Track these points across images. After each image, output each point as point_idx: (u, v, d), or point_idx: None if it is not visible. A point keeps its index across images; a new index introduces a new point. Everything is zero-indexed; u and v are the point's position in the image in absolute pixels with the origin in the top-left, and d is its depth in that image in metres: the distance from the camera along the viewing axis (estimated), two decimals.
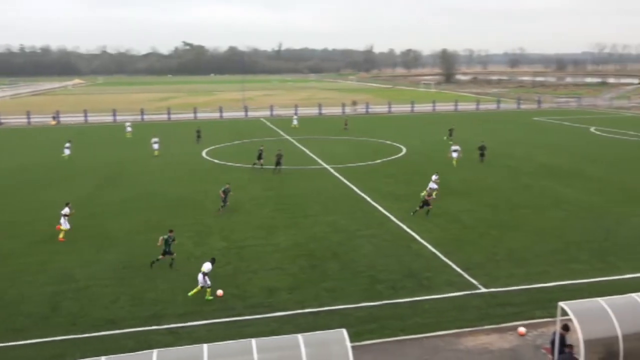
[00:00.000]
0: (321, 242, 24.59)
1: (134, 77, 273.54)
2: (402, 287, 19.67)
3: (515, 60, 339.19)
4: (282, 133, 62.59)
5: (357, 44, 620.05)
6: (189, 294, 19.19)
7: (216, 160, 45.49)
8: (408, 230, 26.04)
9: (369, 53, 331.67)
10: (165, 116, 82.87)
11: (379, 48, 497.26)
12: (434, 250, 23.28)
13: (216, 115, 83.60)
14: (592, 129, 62.80)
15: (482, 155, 42.52)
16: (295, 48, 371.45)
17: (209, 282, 18.94)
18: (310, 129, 65.70)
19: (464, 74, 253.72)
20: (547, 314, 17.11)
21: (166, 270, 21.45)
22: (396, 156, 46.23)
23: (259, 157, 40.57)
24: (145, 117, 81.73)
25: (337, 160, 43.94)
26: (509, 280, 20.10)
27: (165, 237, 21.69)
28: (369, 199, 31.90)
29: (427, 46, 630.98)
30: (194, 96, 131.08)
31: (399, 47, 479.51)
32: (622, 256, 22.40)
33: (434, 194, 30.21)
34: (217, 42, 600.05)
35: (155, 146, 48.77)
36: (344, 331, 11.87)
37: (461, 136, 54.36)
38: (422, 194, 30.06)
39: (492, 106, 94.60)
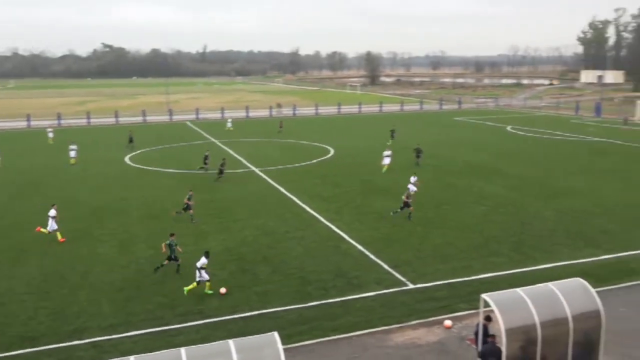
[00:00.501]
0: (251, 245, 24.43)
1: (50, 80, 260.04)
2: (332, 287, 19.88)
3: (436, 62, 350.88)
4: (208, 136, 61.64)
5: (283, 46, 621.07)
6: (185, 290, 19.33)
7: (140, 166, 44.13)
8: (337, 230, 26.35)
9: (295, 55, 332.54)
10: (84, 121, 79.46)
11: (305, 50, 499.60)
12: (362, 249, 23.68)
13: (139, 119, 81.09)
14: (509, 128, 66.04)
15: (417, 157, 42.44)
16: (221, 50, 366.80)
17: (205, 276, 19.32)
18: (242, 131, 65.11)
19: (388, 75, 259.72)
20: (470, 306, 17.82)
21: (90, 279, 20.59)
22: (324, 158, 46.66)
23: (205, 162, 40.40)
24: (63, 122, 77.99)
25: (266, 163, 43.81)
26: (434, 276, 20.78)
27: (168, 242, 21.24)
28: (297, 200, 32.01)
29: (352, 48, 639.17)
30: (115, 100, 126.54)
31: (324, 50, 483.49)
32: (538, 248, 23.70)
33: (411, 194, 29.22)
34: (139, 44, 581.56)
35: (72, 153, 45.72)
36: (276, 334, 11.84)
37: (388, 136, 55.62)
38: (403, 196, 29.23)
39: (416, 107, 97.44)
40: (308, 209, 30.22)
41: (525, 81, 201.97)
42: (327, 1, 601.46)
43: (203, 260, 19.44)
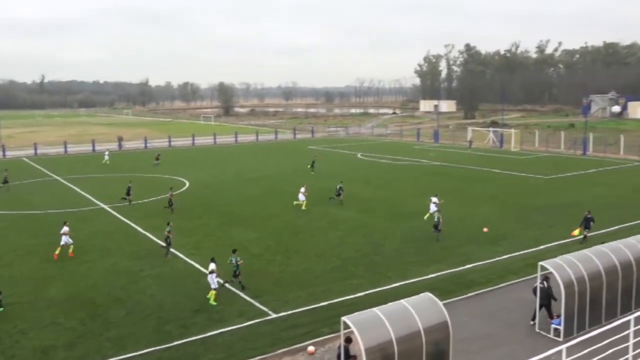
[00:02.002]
0: (102, 288, 22.79)
1: None
2: (192, 324, 19.19)
3: (289, 93, 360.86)
4: (48, 172, 56.89)
5: (132, 77, 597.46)
6: (210, 301, 20.72)
7: None
8: (196, 265, 25.60)
9: (144, 86, 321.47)
10: None
11: (155, 81, 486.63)
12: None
13: None
14: (359, 155, 69.60)
15: (338, 195, 39.00)
16: (62, 80, 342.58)
17: (215, 283, 20.78)
18: (83, 167, 60.96)
19: (242, 106, 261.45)
20: (332, 330, 18.22)
21: None
22: (179, 190, 45.34)
23: (128, 193, 39.34)
24: None
25: (115, 199, 41.41)
26: (296, 303, 20.98)
27: (232, 258, 22.32)
28: (152, 236, 30.63)
29: (205, 79, 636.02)
30: None
31: (176, 80, 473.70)
32: (390, 267, 25.04)
33: (437, 215, 29.62)
34: None
35: None
36: None
37: (245, 167, 55.65)
38: (426, 216, 31.97)
39: (271, 137, 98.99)
40: (164, 244, 28.98)
41: (371, 110, 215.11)
42: (175, 31, 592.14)
43: (213, 266, 21.17)
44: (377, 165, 59.88)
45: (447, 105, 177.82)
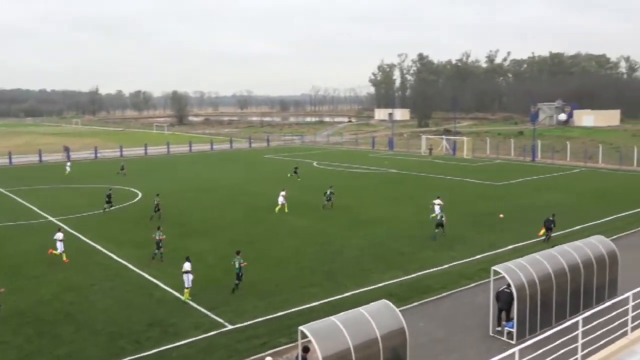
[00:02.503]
0: (50, 304, 22.01)
1: None
2: (146, 339, 18.74)
3: (244, 101, 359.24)
4: None
5: (80, 85, 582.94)
6: (184, 299, 21.81)
7: None
8: (149, 277, 25.06)
9: (94, 94, 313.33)
10: None
11: (106, 89, 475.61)
12: (178, 295, 22.79)
13: None
14: (315, 163, 69.82)
15: (329, 200, 40.41)
16: (6, 89, 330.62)
17: (189, 282, 21.81)
18: (30, 178, 58.89)
19: (197, 115, 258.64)
20: (290, 340, 18.13)
21: None
22: (132, 202, 44.37)
23: (108, 201, 39.50)
24: None
25: (65, 211, 40.16)
26: (253, 313, 20.79)
27: (235, 260, 23.22)
28: (103, 249, 29.83)
29: (158, 87, 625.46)
30: None
31: (127, 89, 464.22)
32: (348, 274, 25.16)
33: (441, 214, 32.15)
34: None
35: None
36: None
37: (200, 176, 55.02)
38: (432, 215, 34.23)
39: (226, 146, 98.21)
40: (117, 257, 28.32)
41: (327, 119, 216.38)
42: (127, 38, 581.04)
43: (188, 265, 22.07)
44: (333, 174, 60.20)
45: (401, 114, 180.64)
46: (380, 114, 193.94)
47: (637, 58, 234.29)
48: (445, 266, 26.23)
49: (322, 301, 21.93)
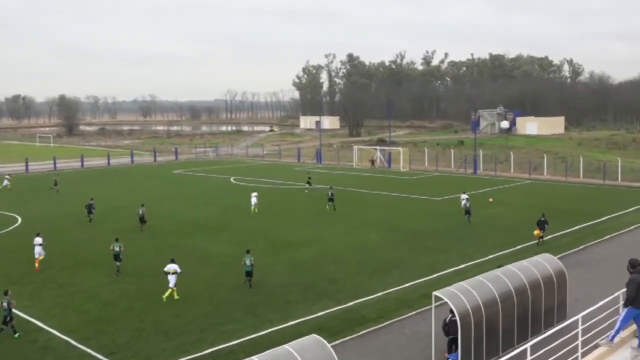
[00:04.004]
0: None
1: None
2: None
3: (147, 108, 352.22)
4: None
5: None
6: (164, 297, 25.11)
7: None
8: (32, 319, 23.86)
9: None
10: None
11: None
12: (67, 339, 21.84)
13: None
14: (232, 179, 69.32)
15: (331, 200, 47.57)
16: None
17: (173, 282, 25.64)
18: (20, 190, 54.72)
19: (90, 124, 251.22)
20: None
21: None
22: (8, 229, 42.21)
23: (90, 211, 43.38)
24: None
25: None
26: (161, 357, 20.25)
27: (245, 259, 27.06)
28: None
29: (41, 92, 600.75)
30: None
31: (3, 93, 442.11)
32: (272, 307, 25.05)
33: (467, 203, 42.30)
34: None
35: None
36: None
37: (94, 197, 53.08)
38: (463, 204, 42.89)
39: (126, 160, 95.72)
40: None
41: (245, 128, 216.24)
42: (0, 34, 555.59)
43: (175, 266, 25.92)
44: (253, 191, 59.90)
45: (330, 122, 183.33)
46: (307, 121, 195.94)
47: (581, 61, 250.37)
48: (382, 293, 26.66)
49: (242, 339, 21.68)
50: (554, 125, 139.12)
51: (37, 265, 31.20)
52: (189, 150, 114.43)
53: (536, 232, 34.78)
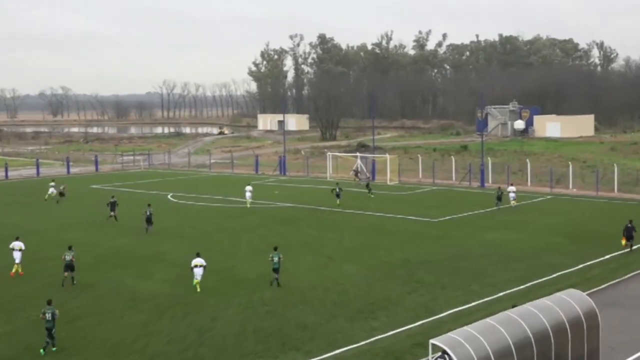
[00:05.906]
0: None
1: None
2: None
3: (57, 104, 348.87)
4: None
5: None
6: (197, 287, 32.42)
7: None
8: None
9: None
10: None
11: None
12: None
13: None
14: (170, 196, 68.79)
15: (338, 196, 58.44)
16: None
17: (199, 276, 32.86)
18: None
19: None
20: None
21: None
22: None
23: (112, 209, 52.58)
24: None
25: None
26: None
27: (273, 256, 34.06)
28: None
29: None
30: None
31: None
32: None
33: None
34: None
35: None
36: None
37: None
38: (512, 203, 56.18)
39: (30, 172, 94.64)
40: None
41: (187, 130, 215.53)
42: None
43: (201, 260, 33.41)
44: (196, 211, 59.56)
45: (296, 121, 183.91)
46: (267, 121, 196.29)
47: (614, 45, 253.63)
48: (365, 342, 26.57)
49: None
50: (581, 125, 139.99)
51: (13, 271, 37.59)
52: (114, 158, 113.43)
53: (623, 241, 40.44)
